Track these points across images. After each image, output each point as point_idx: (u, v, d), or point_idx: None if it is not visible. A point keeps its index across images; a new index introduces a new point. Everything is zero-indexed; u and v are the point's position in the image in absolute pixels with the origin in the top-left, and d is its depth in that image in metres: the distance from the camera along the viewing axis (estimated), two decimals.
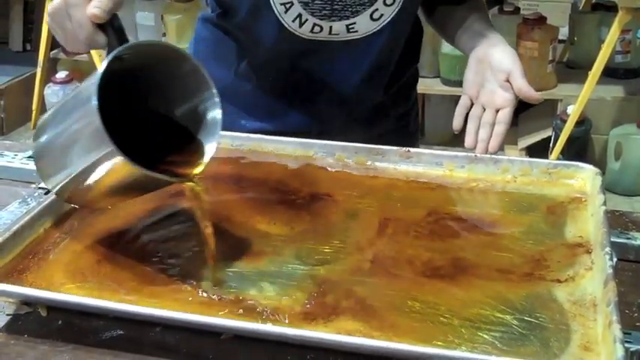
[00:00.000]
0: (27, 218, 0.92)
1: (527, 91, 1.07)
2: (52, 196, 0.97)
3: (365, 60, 1.15)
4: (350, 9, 1.09)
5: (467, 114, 1.11)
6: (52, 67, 3.57)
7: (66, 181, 0.87)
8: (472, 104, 1.12)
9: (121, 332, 0.80)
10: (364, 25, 1.11)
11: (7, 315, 0.83)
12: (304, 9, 1.08)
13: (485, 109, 1.10)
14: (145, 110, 0.89)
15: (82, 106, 0.80)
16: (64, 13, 0.83)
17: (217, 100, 0.86)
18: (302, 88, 1.18)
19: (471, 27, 1.18)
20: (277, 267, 0.86)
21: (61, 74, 3.33)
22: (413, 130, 1.36)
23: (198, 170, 0.86)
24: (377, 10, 1.09)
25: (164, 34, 3.34)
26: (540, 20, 3.01)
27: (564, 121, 2.86)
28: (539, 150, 3.07)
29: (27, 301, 0.84)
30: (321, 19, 1.09)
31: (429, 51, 3.18)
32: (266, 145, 1.12)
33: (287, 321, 0.77)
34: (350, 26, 1.10)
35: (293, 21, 1.09)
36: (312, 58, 1.15)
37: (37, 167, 0.92)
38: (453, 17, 1.22)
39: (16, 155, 1.22)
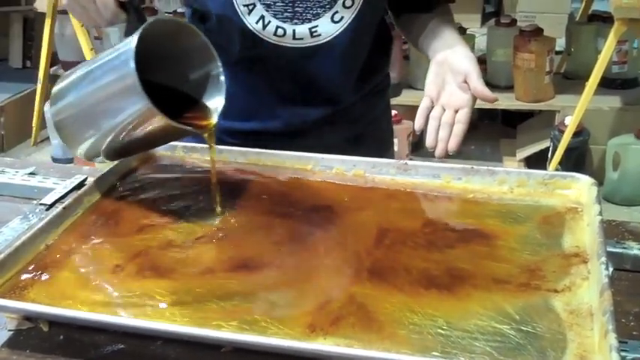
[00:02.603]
0: (28, 234, 0.93)
1: (482, 90, 1.10)
2: (53, 212, 0.98)
3: (329, 64, 1.19)
4: (311, 11, 1.13)
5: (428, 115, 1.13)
6: (51, 83, 3.57)
7: (96, 137, 0.99)
8: (433, 106, 1.14)
9: (122, 346, 0.81)
10: (326, 28, 1.15)
11: (9, 331, 0.84)
12: (267, 10, 1.12)
13: (445, 110, 1.12)
14: (157, 77, 0.99)
15: (114, 70, 0.93)
16: None
17: (220, 65, 1.01)
18: (272, 91, 1.22)
19: (432, 31, 1.21)
20: (276, 278, 0.87)
21: None
22: (387, 134, 1.41)
23: (213, 121, 1.01)
24: (337, 12, 1.14)
25: None
26: (537, 32, 3.02)
27: (562, 132, 2.87)
28: (537, 161, 3.08)
29: (29, 317, 0.84)
30: (284, 22, 1.13)
31: (424, 64, 3.18)
32: (264, 158, 1.13)
33: (287, 332, 0.78)
34: (313, 29, 1.14)
35: (256, 22, 1.13)
36: (278, 63, 1.18)
37: (61, 131, 1.03)
38: (416, 22, 1.26)
39: (17, 172, 1.23)
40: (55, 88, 1.02)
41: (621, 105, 3.04)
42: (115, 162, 1.10)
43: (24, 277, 0.88)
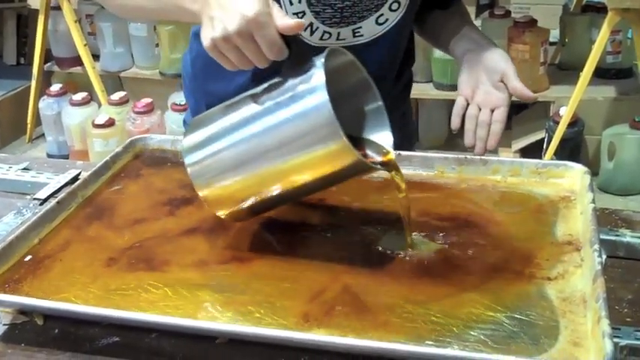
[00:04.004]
0: (22, 229, 0.93)
1: (521, 89, 1.10)
2: (46, 207, 0.98)
3: (370, 63, 1.17)
4: (357, 15, 1.12)
5: (463, 114, 1.14)
6: (46, 80, 3.57)
7: (267, 184, 0.89)
8: (467, 105, 1.14)
9: (117, 339, 0.81)
10: (369, 29, 1.14)
11: (4, 325, 0.84)
12: (315, 18, 1.11)
13: (480, 109, 1.12)
14: None
15: (295, 107, 0.84)
16: (246, 37, 0.84)
17: (380, 99, 0.95)
18: None
19: (465, 35, 1.22)
20: (270, 269, 0.87)
21: (55, 87, 3.33)
22: (412, 129, 1.42)
23: (392, 156, 0.92)
24: (382, 15, 1.13)
25: (157, 45, 3.35)
26: (531, 23, 3.02)
27: (557, 123, 2.87)
28: (532, 152, 3.08)
29: (23, 311, 0.84)
30: (331, 27, 1.12)
31: (421, 56, 3.19)
32: None
33: (281, 322, 0.78)
34: (356, 30, 1.14)
35: (304, 30, 1.11)
36: None
37: (206, 182, 0.91)
38: (447, 27, 1.26)
39: (10, 167, 1.23)
40: (194, 137, 0.92)
41: (616, 95, 3.05)
42: (106, 159, 1.10)
43: (18, 271, 0.88)
